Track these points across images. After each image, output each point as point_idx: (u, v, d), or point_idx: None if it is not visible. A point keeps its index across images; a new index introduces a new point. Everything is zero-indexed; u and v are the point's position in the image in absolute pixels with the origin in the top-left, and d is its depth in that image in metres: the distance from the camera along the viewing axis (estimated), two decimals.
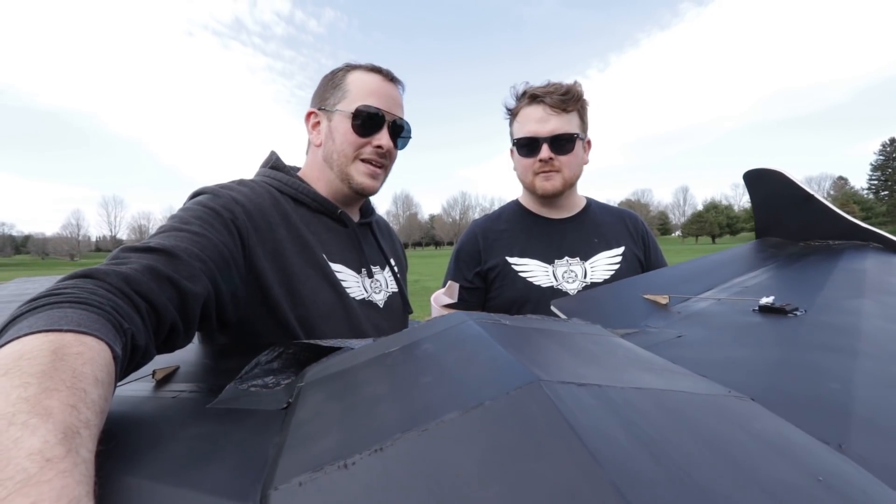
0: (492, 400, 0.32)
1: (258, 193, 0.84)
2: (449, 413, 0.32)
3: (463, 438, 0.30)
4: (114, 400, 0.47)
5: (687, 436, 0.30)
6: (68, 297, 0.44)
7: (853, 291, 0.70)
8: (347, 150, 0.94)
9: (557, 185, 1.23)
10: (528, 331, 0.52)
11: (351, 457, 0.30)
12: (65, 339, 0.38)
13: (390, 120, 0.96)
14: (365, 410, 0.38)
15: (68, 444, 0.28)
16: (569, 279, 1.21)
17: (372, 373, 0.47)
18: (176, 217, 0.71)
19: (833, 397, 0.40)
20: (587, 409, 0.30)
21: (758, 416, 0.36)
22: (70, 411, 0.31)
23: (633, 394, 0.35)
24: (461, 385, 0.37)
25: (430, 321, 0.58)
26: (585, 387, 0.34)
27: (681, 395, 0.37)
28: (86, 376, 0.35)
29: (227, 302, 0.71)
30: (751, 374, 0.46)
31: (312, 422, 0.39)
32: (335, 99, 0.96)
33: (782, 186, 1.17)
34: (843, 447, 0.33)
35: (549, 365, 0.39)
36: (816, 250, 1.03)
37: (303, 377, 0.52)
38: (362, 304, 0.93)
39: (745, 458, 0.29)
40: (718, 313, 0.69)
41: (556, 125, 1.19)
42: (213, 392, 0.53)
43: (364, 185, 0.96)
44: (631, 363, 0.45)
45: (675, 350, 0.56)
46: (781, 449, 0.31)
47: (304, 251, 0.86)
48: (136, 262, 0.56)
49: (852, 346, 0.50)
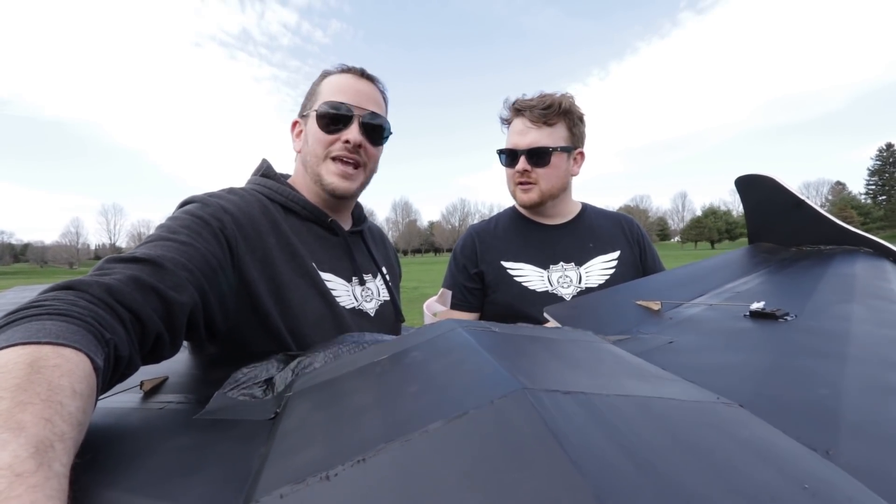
0: (476, 409, 0.32)
1: (247, 202, 0.84)
2: (433, 423, 0.32)
3: (446, 448, 0.29)
4: (99, 411, 0.47)
5: (671, 443, 0.30)
6: (48, 309, 0.43)
7: (843, 296, 0.70)
8: (318, 149, 0.93)
9: (534, 196, 1.25)
10: (516, 338, 0.52)
11: (333, 468, 0.30)
12: (42, 351, 0.37)
13: (360, 115, 0.93)
14: (350, 421, 0.37)
15: (40, 458, 0.28)
16: (563, 284, 1.22)
17: (359, 382, 0.46)
18: (163, 226, 0.71)
19: (822, 403, 0.40)
20: (571, 418, 0.30)
21: (745, 423, 0.35)
22: (44, 424, 0.30)
23: (619, 401, 0.35)
24: (446, 394, 0.36)
25: (420, 329, 0.58)
26: (570, 394, 0.34)
27: (667, 401, 0.36)
28: (63, 388, 0.34)
29: (215, 311, 0.71)
30: (740, 380, 0.46)
31: (297, 432, 0.39)
32: (311, 104, 0.96)
33: (773, 192, 1.18)
34: (830, 453, 0.33)
35: (534, 372, 0.39)
36: (808, 255, 1.03)
37: (291, 387, 0.52)
38: (352, 312, 0.92)
39: (730, 466, 0.29)
40: (710, 319, 0.69)
41: (534, 138, 1.21)
42: (202, 403, 0.52)
43: (334, 186, 0.93)
44: (619, 370, 0.45)
45: (666, 356, 0.56)
46: (767, 456, 0.31)
47: (293, 260, 0.85)
48: (119, 273, 0.55)
49: (842, 351, 0.50)
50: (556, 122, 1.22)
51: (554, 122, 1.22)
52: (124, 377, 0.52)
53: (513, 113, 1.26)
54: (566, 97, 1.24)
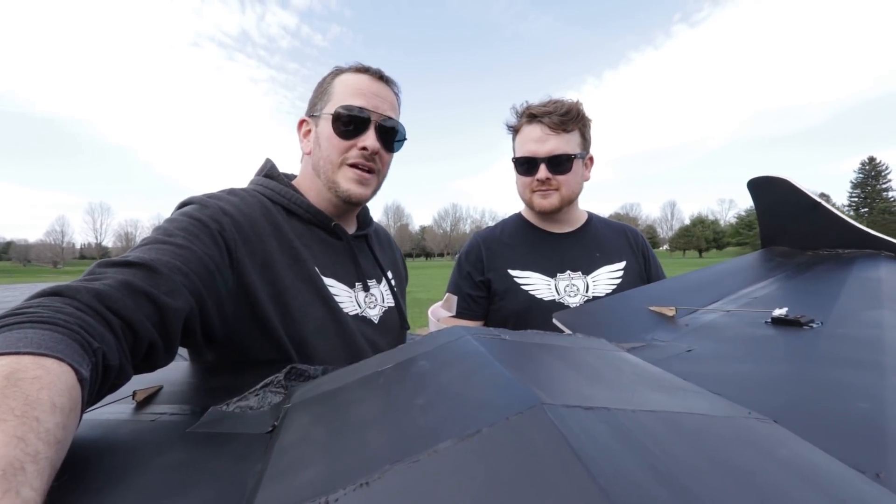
0: (490, 426, 0.29)
1: (248, 203, 0.81)
2: (443, 441, 0.29)
3: (457, 470, 0.26)
4: (87, 424, 0.44)
5: (707, 464, 0.27)
6: (31, 317, 0.41)
7: (871, 302, 0.67)
8: (333, 156, 0.90)
9: (555, 202, 1.24)
10: (528, 346, 0.49)
11: (334, 492, 0.27)
12: (21, 362, 0.35)
13: (377, 120, 0.90)
14: (352, 437, 0.34)
15: (7, 483, 0.25)
16: (571, 293, 1.21)
17: (363, 393, 0.44)
18: (160, 229, 0.68)
19: (864, 418, 0.37)
20: (595, 436, 0.27)
21: (783, 441, 0.32)
22: (15, 444, 0.28)
23: (646, 417, 0.32)
24: (457, 409, 0.34)
25: (427, 336, 0.55)
26: (592, 410, 0.31)
27: (698, 417, 0.33)
28: (41, 403, 0.32)
29: (212, 317, 0.68)
30: (769, 392, 0.43)
31: (296, 449, 0.36)
32: (322, 103, 0.92)
33: (788, 194, 1.14)
34: (881, 476, 0.30)
35: (552, 385, 0.36)
36: (826, 259, 1.00)
37: (289, 398, 0.49)
38: (356, 319, 0.90)
39: (772, 490, 0.26)
40: (729, 326, 0.66)
41: (555, 145, 1.20)
42: (197, 414, 0.49)
43: (350, 193, 0.90)
44: (640, 381, 0.42)
45: (686, 365, 0.53)
46: (811, 478, 0.28)
47: (295, 264, 0.82)
48: (110, 278, 0.53)
49: (877, 360, 0.47)
50: (573, 128, 1.21)
51: (571, 129, 1.21)
52: (115, 387, 0.50)
53: (526, 119, 1.24)
54: (579, 103, 1.24)
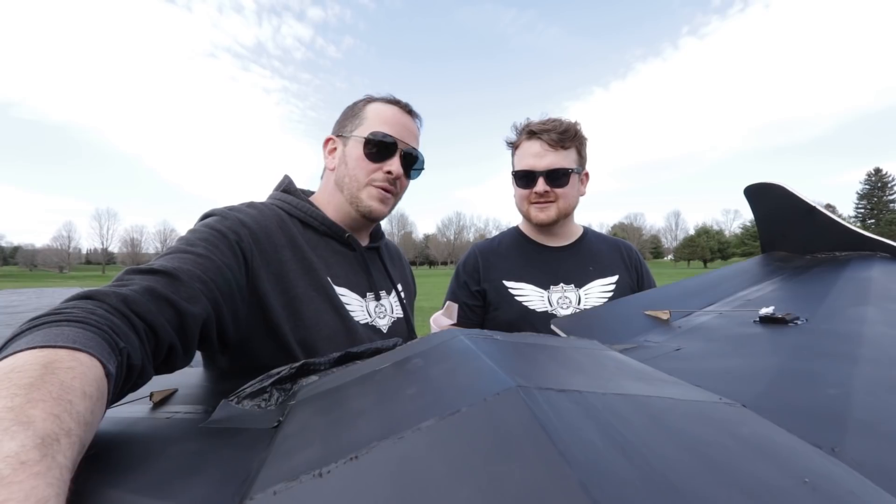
0: (469, 406, 0.32)
1: (265, 216, 0.86)
2: (426, 421, 0.32)
3: (438, 444, 0.29)
4: (108, 420, 0.48)
5: (666, 439, 0.30)
6: (67, 316, 0.46)
7: (857, 299, 0.68)
8: (359, 175, 0.97)
9: (552, 214, 1.29)
10: (518, 345, 0.52)
11: (326, 466, 0.30)
12: (58, 354, 0.39)
13: (402, 148, 0.98)
14: (347, 423, 0.37)
15: (45, 449, 0.29)
16: (563, 305, 1.24)
17: (360, 388, 0.47)
18: (183, 239, 0.74)
19: (830, 402, 0.39)
20: (562, 413, 0.30)
21: (746, 422, 0.35)
22: (52, 419, 0.32)
23: (615, 399, 0.34)
24: (442, 395, 0.37)
25: (423, 338, 0.58)
26: (565, 392, 0.34)
27: (665, 400, 0.36)
28: (74, 389, 0.36)
29: (228, 323, 0.72)
30: (746, 383, 0.45)
31: (297, 436, 0.39)
32: (352, 126, 1.00)
33: (784, 200, 1.16)
34: (836, 451, 0.32)
35: (531, 373, 0.39)
36: (822, 262, 1.01)
37: (294, 396, 0.53)
38: (366, 327, 0.93)
39: (727, 461, 0.28)
40: (719, 326, 0.68)
41: (553, 160, 1.26)
42: (210, 413, 0.53)
43: (372, 209, 0.97)
44: (620, 373, 0.44)
45: (673, 362, 0.55)
46: (767, 452, 0.30)
47: (308, 273, 0.87)
48: (136, 284, 0.58)
49: (853, 352, 0.49)
50: (571, 145, 1.28)
51: (569, 146, 1.27)
52: (137, 386, 0.54)
53: (525, 136, 1.31)
54: (577, 123, 1.30)
